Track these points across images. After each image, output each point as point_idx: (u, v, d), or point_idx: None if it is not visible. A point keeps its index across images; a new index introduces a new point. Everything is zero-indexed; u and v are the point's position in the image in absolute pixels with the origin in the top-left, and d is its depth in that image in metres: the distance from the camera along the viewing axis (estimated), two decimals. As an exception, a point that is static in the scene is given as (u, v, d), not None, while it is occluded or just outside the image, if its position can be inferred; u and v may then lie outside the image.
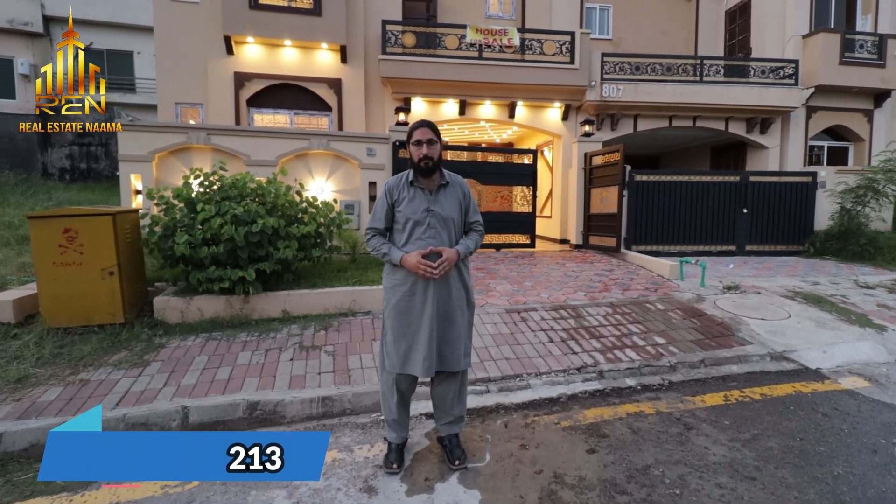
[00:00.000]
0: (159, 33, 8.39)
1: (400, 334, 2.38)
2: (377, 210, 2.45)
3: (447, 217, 2.40)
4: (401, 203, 2.37)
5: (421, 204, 2.36)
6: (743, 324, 4.62)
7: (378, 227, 2.42)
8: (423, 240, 2.34)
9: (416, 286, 2.35)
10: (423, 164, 2.32)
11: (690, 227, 8.44)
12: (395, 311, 2.38)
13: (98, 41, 19.56)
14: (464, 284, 2.52)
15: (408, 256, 2.29)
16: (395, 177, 2.48)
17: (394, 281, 2.40)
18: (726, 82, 9.54)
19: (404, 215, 2.36)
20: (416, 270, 2.26)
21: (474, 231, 2.58)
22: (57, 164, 17.41)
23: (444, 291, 2.39)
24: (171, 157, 6.78)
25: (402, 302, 2.36)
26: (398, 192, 2.38)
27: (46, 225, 3.76)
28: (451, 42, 8.69)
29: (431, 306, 2.34)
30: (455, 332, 2.46)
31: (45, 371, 3.42)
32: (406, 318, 2.37)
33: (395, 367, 2.39)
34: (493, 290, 5.51)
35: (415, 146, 2.34)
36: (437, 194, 2.40)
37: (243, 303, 4.32)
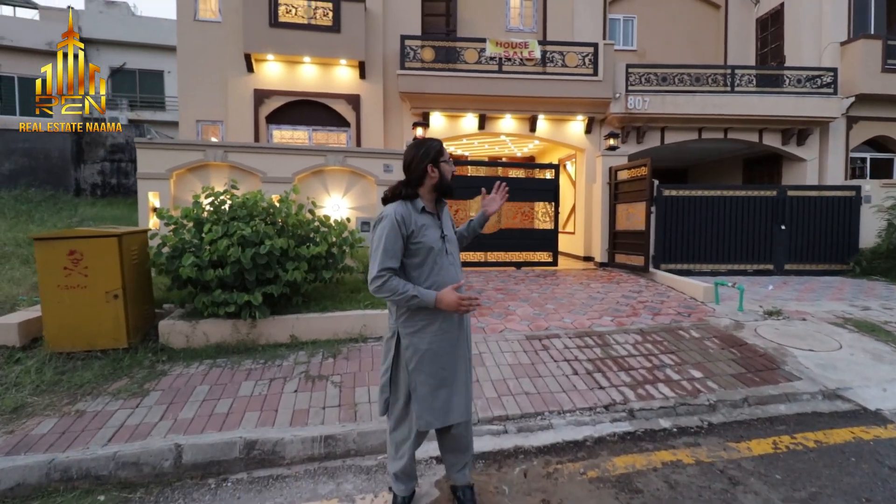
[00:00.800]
0: (182, 52, 8.51)
1: (439, 381, 2.07)
2: (390, 245, 1.99)
3: (453, 240, 2.23)
4: (418, 233, 2.03)
5: (436, 230, 2.10)
6: (789, 355, 4.18)
7: (395, 266, 2.00)
8: (446, 269, 2.08)
9: (449, 321, 2.09)
10: (450, 183, 2.15)
11: (724, 244, 7.97)
12: (427, 356, 2.05)
13: (131, 61, 20.33)
14: None
15: (443, 295, 1.96)
16: (397, 205, 2.07)
17: (418, 323, 2.06)
18: (759, 92, 9.08)
19: (426, 246, 2.03)
20: (458, 309, 1.97)
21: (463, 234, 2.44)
22: (89, 179, 17.95)
23: (467, 322, 2.23)
24: (189, 174, 6.77)
25: (436, 342, 2.06)
26: (414, 222, 2.04)
27: (52, 247, 3.68)
28: (471, 56, 8.54)
29: (464, 338, 2.18)
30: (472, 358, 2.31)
31: (42, 400, 3.28)
32: (442, 361, 2.08)
33: (437, 422, 2.06)
34: (512, 314, 5.21)
35: (447, 164, 2.12)
36: (442, 217, 2.19)
37: (250, 327, 4.14)
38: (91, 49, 19.68)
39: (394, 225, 2.00)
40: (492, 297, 5.92)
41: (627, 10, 11.04)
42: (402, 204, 2.08)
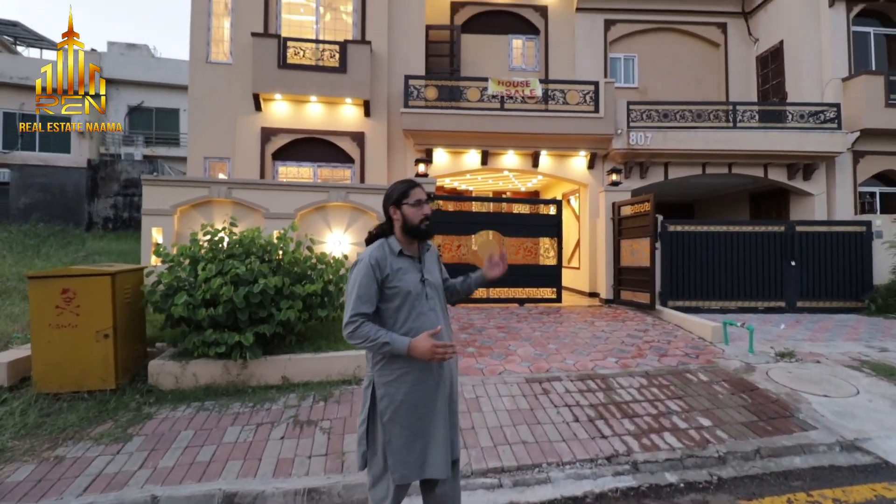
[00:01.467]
0: (193, 92, 8.80)
1: (414, 433, 1.94)
2: (363, 290, 1.94)
3: (437, 284, 2.11)
4: (394, 277, 1.98)
5: (415, 274, 2.03)
6: (803, 402, 3.97)
7: (368, 311, 1.94)
8: (424, 314, 1.99)
9: (426, 371, 1.97)
10: (424, 226, 2.04)
11: (733, 281, 7.79)
12: (403, 408, 1.94)
13: (149, 100, 21.16)
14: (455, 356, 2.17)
15: (417, 342, 1.87)
16: (373, 248, 2.04)
17: (395, 372, 1.96)
18: (762, 128, 9.10)
19: (402, 290, 1.97)
20: (432, 357, 1.87)
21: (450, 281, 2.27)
22: (102, 213, 18.31)
23: (448, 371, 2.06)
24: (193, 210, 6.83)
25: (413, 392, 1.95)
26: (389, 265, 2.00)
27: (45, 285, 3.66)
28: (473, 94, 8.72)
29: (443, 389, 2.02)
30: (457, 413, 2.14)
31: (23, 444, 3.18)
32: (419, 413, 1.96)
33: (412, 476, 1.93)
34: (513, 355, 5.05)
35: (414, 206, 2.03)
36: (424, 260, 2.10)
37: (241, 368, 4.04)
38: (111, 89, 20.55)
39: (368, 269, 1.95)
40: (493, 336, 5.78)
41: (628, 50, 11.30)
42: (381, 246, 2.04)
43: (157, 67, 20.99)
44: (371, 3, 9.01)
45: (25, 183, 17.35)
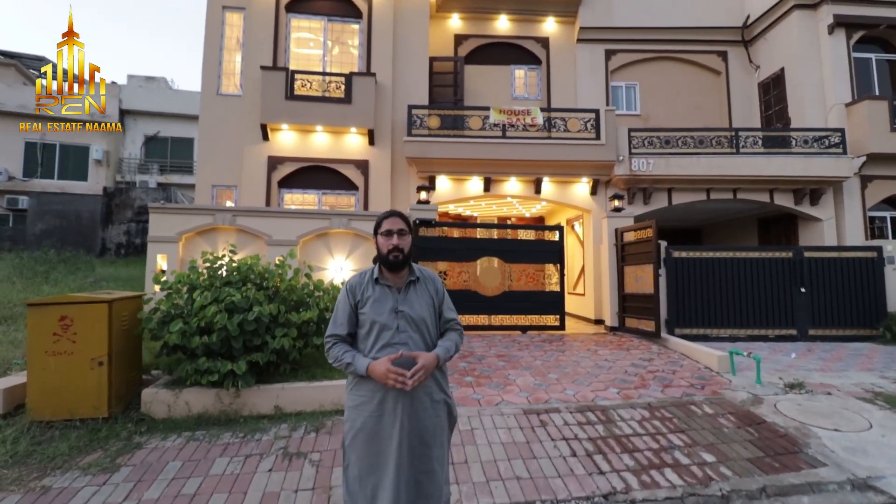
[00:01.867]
0: (204, 123, 9.08)
1: (367, 468, 1.93)
2: (338, 313, 2.07)
3: (418, 318, 2.05)
4: (365, 304, 2.03)
5: (388, 304, 2.03)
6: (812, 436, 3.80)
7: (340, 333, 2.03)
8: (392, 346, 1.97)
9: (385, 403, 1.94)
10: (392, 257, 2.04)
11: (741, 308, 7.63)
12: (360, 437, 1.95)
13: (165, 130, 21.86)
14: (444, 395, 2.10)
15: (375, 365, 1.89)
16: (357, 274, 2.15)
17: (359, 398, 1.99)
18: (766, 153, 9.09)
19: (369, 318, 2.01)
20: (386, 381, 1.86)
21: (452, 331, 2.19)
22: (115, 239, 18.69)
23: (418, 406, 1.97)
24: (198, 237, 6.94)
25: (369, 424, 1.94)
26: (361, 292, 2.05)
27: (43, 312, 3.71)
28: (475, 123, 8.87)
29: (404, 427, 1.93)
30: (434, 458, 2.00)
31: (11, 473, 3.16)
32: (374, 446, 1.93)
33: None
34: (511, 384, 4.95)
35: (384, 237, 2.06)
36: (407, 292, 2.07)
37: (233, 397, 4.01)
38: (129, 119, 21.32)
39: (345, 293, 2.06)
40: (492, 365, 5.68)
41: (629, 78, 11.47)
42: (362, 273, 2.12)
43: (174, 98, 21.76)
44: (376, 38, 9.32)
45: (42, 210, 17.82)
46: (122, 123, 20.93)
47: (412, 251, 2.12)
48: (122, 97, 20.84)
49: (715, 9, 11.32)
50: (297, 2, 9.27)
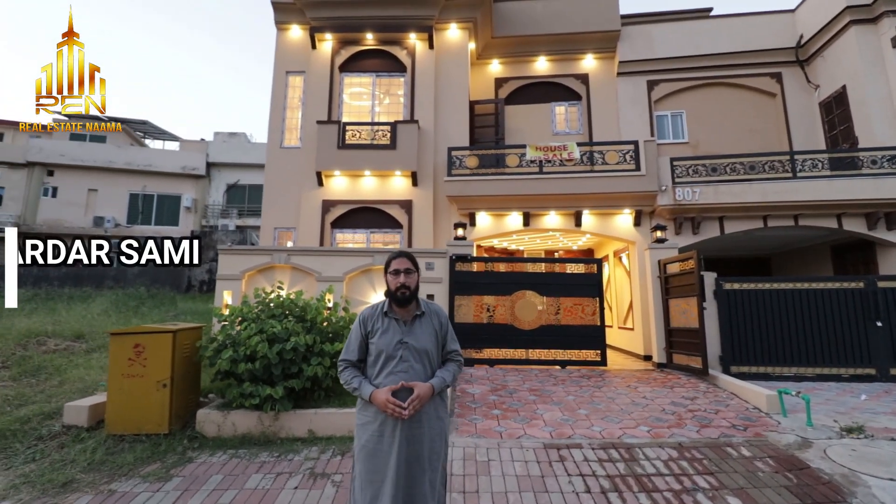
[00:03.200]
0: (269, 173, 10.19)
1: (367, 480, 2.15)
2: (350, 341, 2.35)
3: (421, 349, 2.28)
4: (374, 334, 2.29)
5: (394, 336, 2.27)
6: (861, 485, 3.46)
7: (350, 358, 2.31)
8: (395, 374, 2.21)
9: (386, 426, 2.17)
10: (399, 294, 2.28)
11: (808, 344, 7.01)
12: (363, 452, 2.18)
13: (244, 178, 24.29)
14: (440, 422, 2.30)
15: (377, 393, 2.15)
16: (370, 307, 2.42)
17: (364, 418, 2.23)
18: (827, 176, 8.48)
19: (377, 347, 2.27)
20: (384, 410, 2.11)
21: (452, 361, 2.41)
22: (199, 277, 20.78)
23: (416, 432, 2.18)
24: (258, 275, 7.73)
25: (371, 443, 2.17)
26: (372, 323, 2.32)
27: (122, 341, 4.40)
28: (512, 160, 9.17)
29: (402, 450, 2.13)
30: (427, 481, 2.17)
31: (87, 477, 3.73)
32: (374, 463, 2.15)
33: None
34: (537, 419, 4.96)
35: (392, 275, 2.32)
36: (412, 325, 2.31)
37: (273, 420, 4.42)
38: (214, 170, 24.02)
39: (357, 324, 2.34)
40: (523, 399, 5.70)
41: (675, 107, 11.30)
42: (375, 306, 2.39)
43: (251, 150, 24.29)
44: (419, 88, 10.07)
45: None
46: (209, 174, 23.69)
47: (418, 287, 2.37)
48: (209, 151, 23.68)
49: (763, 31, 10.98)
50: (349, 62, 10.32)
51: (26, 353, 6.58)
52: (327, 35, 10.20)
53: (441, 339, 2.38)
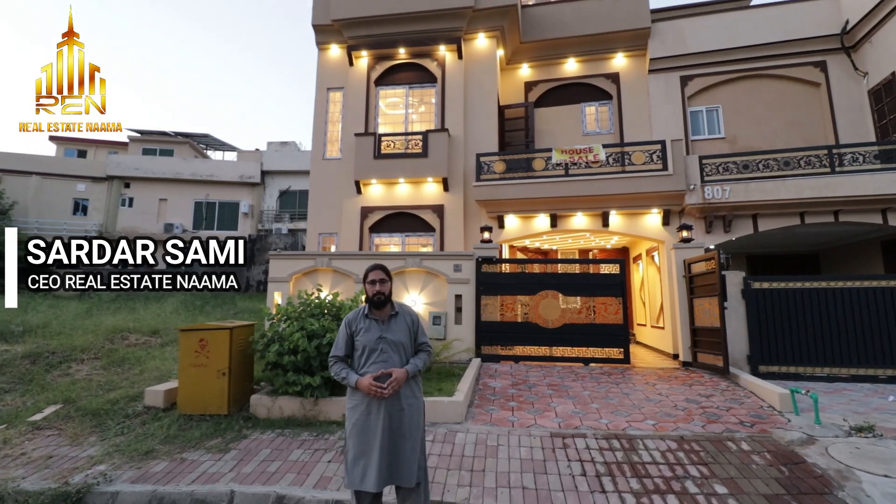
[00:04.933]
0: (313, 182, 11.09)
1: (359, 452, 2.68)
2: (338, 340, 2.91)
3: (397, 342, 2.82)
4: (358, 333, 2.84)
5: (374, 333, 2.82)
6: (852, 480, 3.61)
7: (339, 354, 2.86)
8: (376, 363, 2.76)
9: (371, 406, 2.71)
10: (375, 298, 2.85)
11: (842, 344, 6.86)
12: (354, 430, 2.72)
13: (294, 184, 25.79)
14: (416, 400, 2.83)
15: (362, 380, 2.68)
16: (354, 311, 2.98)
17: (353, 402, 2.78)
18: (873, 170, 8.15)
19: (361, 343, 2.81)
20: (369, 392, 2.66)
21: (423, 351, 2.95)
22: (256, 278, 22.36)
23: (395, 408, 2.71)
24: (304, 277, 8.55)
25: (360, 421, 2.71)
26: (356, 324, 2.88)
27: (189, 336, 5.24)
28: (539, 164, 9.47)
29: (385, 424, 2.67)
30: (408, 446, 2.70)
31: (164, 448, 4.56)
32: (364, 437, 2.69)
33: (354, 485, 2.67)
34: (550, 411, 5.34)
35: (370, 285, 2.88)
36: (389, 323, 2.85)
37: (312, 405, 5.11)
38: (268, 178, 25.69)
39: (344, 325, 2.92)
40: (540, 393, 6.08)
41: (710, 102, 11.10)
42: (358, 310, 2.96)
43: (302, 158, 25.75)
44: (449, 97, 10.57)
45: (206, 255, 21.97)
46: (263, 181, 25.43)
47: (391, 292, 2.91)
48: (263, 160, 25.41)
49: (806, 18, 10.54)
50: (383, 76, 11.00)
51: (113, 347, 7.74)
52: (363, 52, 10.94)
53: (413, 333, 2.92)
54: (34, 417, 5.28)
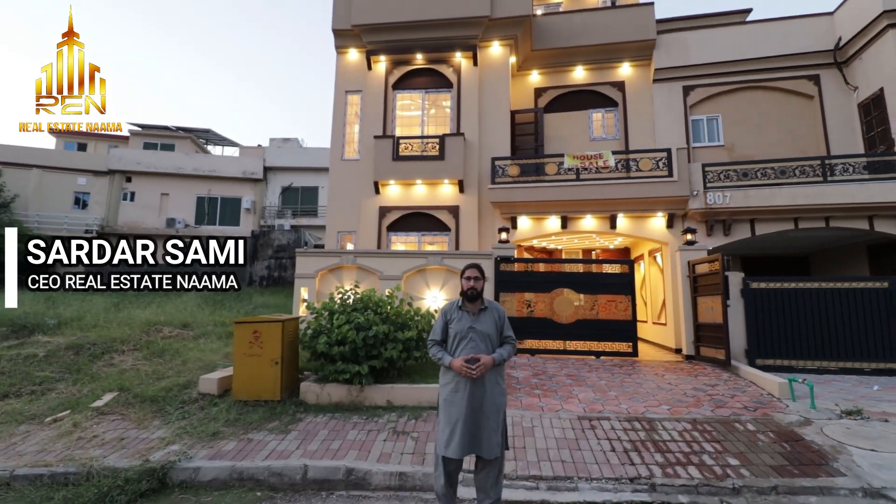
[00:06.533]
0: (331, 182, 11.49)
1: (446, 422, 3.17)
2: (436, 326, 3.40)
3: (485, 333, 3.28)
4: (452, 322, 3.32)
5: (466, 323, 3.29)
6: (844, 453, 4.20)
7: (436, 338, 3.35)
8: (466, 349, 3.23)
9: (460, 384, 3.19)
10: (469, 293, 3.32)
11: (831, 340, 7.52)
12: (444, 403, 3.21)
13: (296, 181, 26.01)
14: (498, 386, 3.30)
15: (455, 361, 3.16)
16: (450, 302, 3.47)
17: (445, 380, 3.27)
18: (861, 180, 8.81)
19: (454, 331, 3.29)
20: (460, 371, 3.14)
21: (508, 343, 3.40)
22: (258, 273, 22.61)
23: (479, 389, 3.17)
24: (329, 274, 8.98)
25: (449, 396, 3.20)
26: (451, 314, 3.36)
27: (244, 328, 5.67)
28: (551, 168, 10.00)
29: (469, 401, 3.14)
30: (489, 425, 3.18)
31: (228, 430, 5.00)
32: (451, 410, 3.17)
33: (441, 450, 3.15)
34: (573, 398, 5.88)
35: (465, 280, 3.35)
36: (479, 316, 3.32)
37: (359, 391, 5.58)
38: (270, 174, 25.87)
39: (441, 314, 3.42)
40: (561, 382, 6.62)
41: (710, 111, 11.71)
42: (452, 302, 3.44)
43: (304, 155, 26.01)
44: (464, 102, 11.03)
45: (208, 250, 22.10)
46: (265, 178, 25.63)
47: (483, 289, 3.39)
48: (266, 157, 25.59)
49: (801, 34, 11.18)
50: (401, 80, 11.42)
51: (149, 339, 8.11)
52: (381, 57, 11.34)
53: (499, 327, 3.38)
54: (96, 404, 5.68)
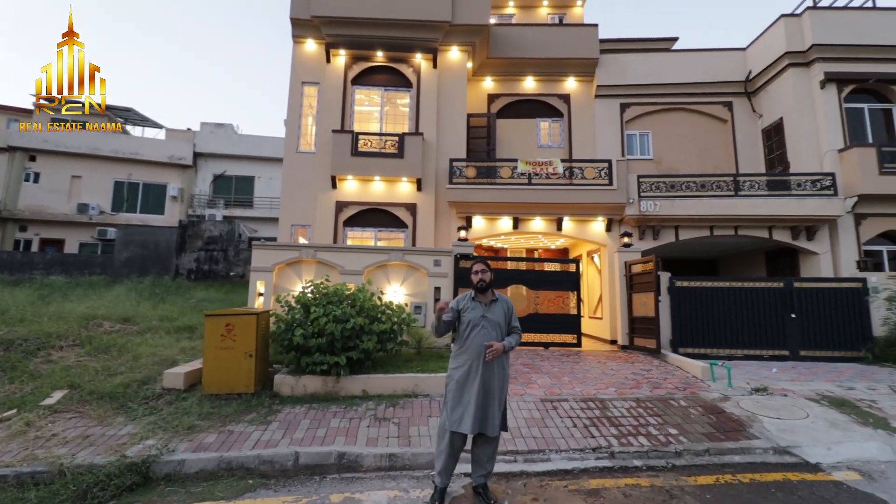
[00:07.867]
0: (286, 174, 11.24)
1: (457, 402, 3.49)
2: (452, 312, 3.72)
3: (495, 321, 3.65)
4: (465, 311, 3.66)
5: (478, 312, 3.64)
6: (757, 421, 5.13)
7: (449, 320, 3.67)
8: (479, 336, 3.56)
9: (472, 368, 3.53)
10: (479, 284, 3.68)
11: (738, 331, 8.80)
12: (455, 385, 3.52)
13: (230, 169, 24.69)
14: (503, 371, 3.68)
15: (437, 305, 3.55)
16: (463, 294, 3.83)
17: (457, 363, 3.59)
18: (762, 195, 10.36)
19: (467, 319, 3.63)
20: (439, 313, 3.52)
21: (515, 333, 3.79)
22: (186, 266, 21.19)
23: (489, 373, 3.54)
24: (287, 268, 8.86)
25: (462, 378, 3.52)
26: (464, 304, 3.70)
27: (215, 321, 5.58)
28: (505, 172, 10.61)
29: (480, 383, 3.48)
30: (494, 405, 3.56)
31: (204, 423, 4.94)
32: (463, 391, 3.50)
33: (452, 427, 3.46)
34: (533, 383, 6.46)
35: (474, 274, 3.71)
36: (491, 306, 3.69)
37: (335, 382, 5.72)
38: (200, 160, 24.31)
39: (454, 303, 3.74)
40: (519, 371, 7.19)
41: (642, 127, 13.01)
42: (466, 294, 3.78)
43: (239, 142, 24.71)
44: (423, 102, 11.32)
45: (128, 240, 20.44)
46: (195, 164, 24.01)
47: (492, 280, 3.74)
48: (196, 141, 23.98)
49: (719, 65, 12.81)
50: (360, 76, 11.45)
51: (90, 334, 7.53)
52: (341, 51, 11.29)
53: (507, 318, 3.78)
54: (46, 402, 5.28)
